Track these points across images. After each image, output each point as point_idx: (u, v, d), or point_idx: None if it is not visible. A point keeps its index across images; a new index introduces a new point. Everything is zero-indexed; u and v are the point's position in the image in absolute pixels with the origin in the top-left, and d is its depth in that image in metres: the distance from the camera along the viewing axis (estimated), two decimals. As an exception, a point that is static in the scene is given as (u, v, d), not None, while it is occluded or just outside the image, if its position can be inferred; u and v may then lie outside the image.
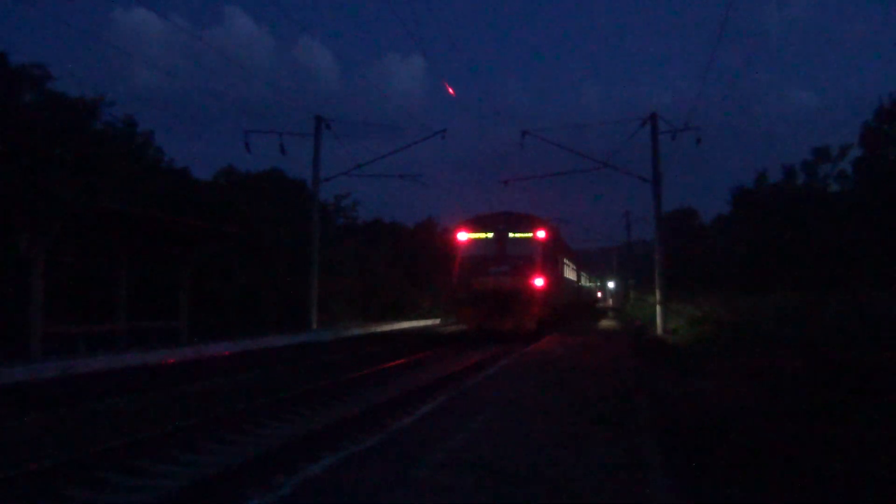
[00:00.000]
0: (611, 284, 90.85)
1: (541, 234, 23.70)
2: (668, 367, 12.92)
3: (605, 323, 36.23)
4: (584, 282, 44.77)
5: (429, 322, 37.78)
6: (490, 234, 23.62)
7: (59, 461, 6.55)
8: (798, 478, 5.19)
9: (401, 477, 5.26)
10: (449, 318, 35.46)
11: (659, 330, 24.26)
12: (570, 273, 32.88)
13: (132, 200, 23.47)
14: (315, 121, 26.69)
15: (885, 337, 11.81)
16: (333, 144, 45.33)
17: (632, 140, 42.67)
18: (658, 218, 26.15)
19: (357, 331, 27.66)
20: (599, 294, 79.53)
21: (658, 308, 25.07)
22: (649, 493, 4.84)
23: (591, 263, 55.60)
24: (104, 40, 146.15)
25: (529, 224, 23.88)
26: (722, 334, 17.91)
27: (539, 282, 22.94)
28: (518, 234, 23.56)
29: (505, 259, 23.10)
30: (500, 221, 23.93)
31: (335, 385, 12.20)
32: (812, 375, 8.82)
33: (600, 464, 5.54)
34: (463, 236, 23.89)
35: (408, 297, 42.54)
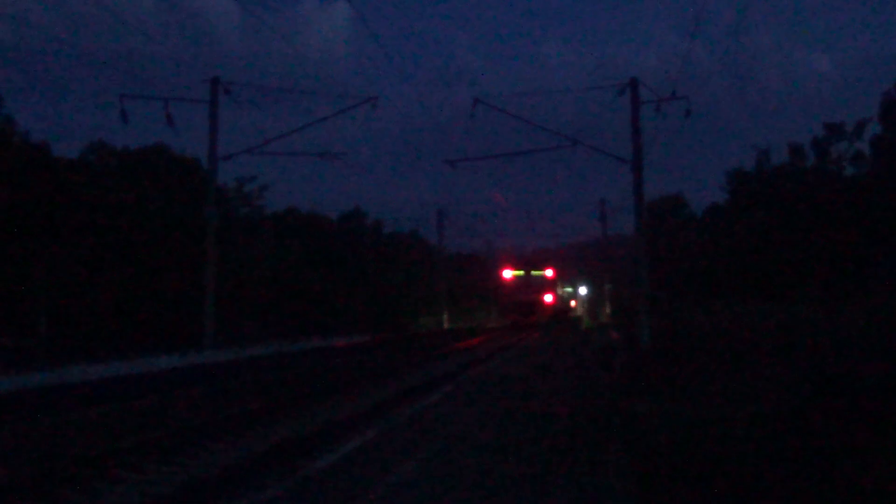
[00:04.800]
0: (583, 290, 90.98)
1: (549, 272, 56.57)
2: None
3: (585, 324, 63.29)
4: (566, 293, 77.87)
5: (361, 338, 37.56)
6: (522, 272, 55.71)
7: None
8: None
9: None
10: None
11: (643, 342, 24.56)
12: (560, 290, 65.58)
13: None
14: (211, 84, 26.38)
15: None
16: (235, 114, 44.65)
17: (608, 112, 44.25)
18: (639, 206, 26.54)
19: (263, 349, 27.30)
20: (573, 303, 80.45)
21: (641, 317, 25.33)
22: None
23: (563, 267, 71.06)
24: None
25: (544, 266, 56.67)
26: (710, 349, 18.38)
27: (548, 298, 56.05)
28: (537, 273, 55.98)
29: (530, 286, 54.97)
30: (527, 265, 56.32)
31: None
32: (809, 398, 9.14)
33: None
34: (508, 274, 56.13)
35: (332, 306, 42.28)
